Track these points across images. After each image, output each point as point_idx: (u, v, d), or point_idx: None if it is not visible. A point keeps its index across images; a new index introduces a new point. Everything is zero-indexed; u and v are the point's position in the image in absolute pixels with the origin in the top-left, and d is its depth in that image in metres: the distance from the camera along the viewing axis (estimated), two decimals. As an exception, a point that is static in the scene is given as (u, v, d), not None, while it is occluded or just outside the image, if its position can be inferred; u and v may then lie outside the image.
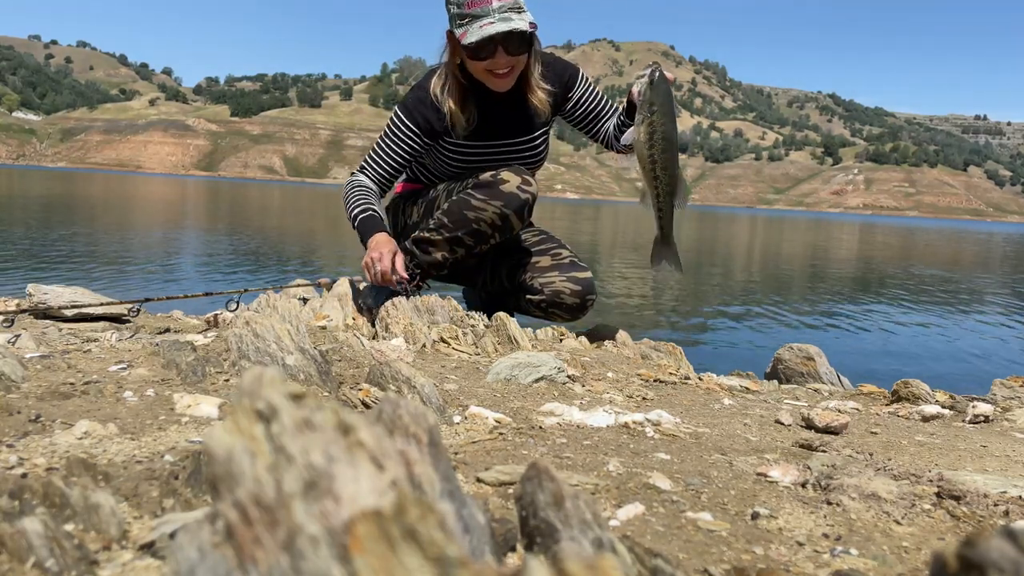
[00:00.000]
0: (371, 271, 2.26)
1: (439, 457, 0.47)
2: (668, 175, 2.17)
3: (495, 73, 2.33)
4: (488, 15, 2.21)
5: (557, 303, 2.43)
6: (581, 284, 2.44)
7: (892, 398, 1.88)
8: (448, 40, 2.36)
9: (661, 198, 2.20)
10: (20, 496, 0.69)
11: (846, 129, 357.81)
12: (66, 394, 1.17)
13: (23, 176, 47.45)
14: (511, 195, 2.28)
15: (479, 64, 2.31)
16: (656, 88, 2.15)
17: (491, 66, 2.31)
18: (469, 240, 2.34)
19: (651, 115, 2.13)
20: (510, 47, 2.28)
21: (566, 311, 2.45)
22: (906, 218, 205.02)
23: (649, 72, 2.16)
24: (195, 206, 21.46)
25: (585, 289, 2.44)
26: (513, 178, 2.30)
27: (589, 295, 2.45)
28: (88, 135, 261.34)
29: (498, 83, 2.36)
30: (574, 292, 2.42)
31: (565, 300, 2.42)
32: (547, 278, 2.45)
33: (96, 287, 3.49)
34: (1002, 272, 12.97)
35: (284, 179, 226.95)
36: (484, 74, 2.34)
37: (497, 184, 2.29)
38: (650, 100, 2.13)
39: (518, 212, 2.31)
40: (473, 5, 2.23)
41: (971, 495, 0.96)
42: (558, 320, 2.49)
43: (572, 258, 2.53)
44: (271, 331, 1.38)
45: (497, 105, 2.46)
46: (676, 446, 1.19)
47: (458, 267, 2.49)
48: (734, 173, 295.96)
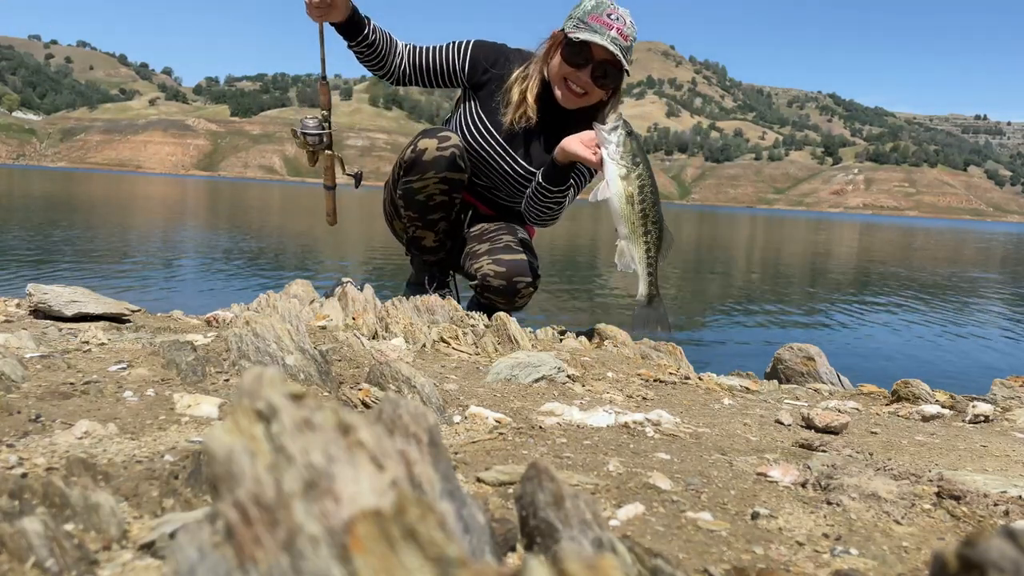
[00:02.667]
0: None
1: (439, 457, 0.47)
2: (658, 228, 2.08)
3: (570, 86, 2.36)
4: (603, 35, 2.26)
5: (486, 286, 2.45)
6: (506, 266, 2.41)
7: (892, 398, 1.88)
8: (551, 39, 2.40)
9: (651, 254, 2.09)
10: (20, 496, 0.69)
11: (846, 129, 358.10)
12: (66, 394, 1.17)
13: (23, 176, 47.44)
14: (436, 159, 2.38)
15: (564, 68, 2.33)
16: (635, 137, 2.07)
17: (572, 76, 2.34)
18: (436, 214, 2.48)
19: (637, 166, 2.04)
20: (598, 70, 2.32)
21: (497, 294, 2.44)
22: (906, 218, 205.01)
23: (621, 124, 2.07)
24: (195, 206, 21.45)
25: (511, 271, 2.41)
26: (430, 143, 2.39)
27: (517, 277, 2.42)
28: (88, 135, 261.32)
29: (567, 96, 2.38)
30: (498, 274, 2.42)
31: (491, 283, 2.43)
32: (479, 262, 2.48)
33: (96, 287, 3.49)
34: (1002, 272, 12.96)
35: (284, 179, 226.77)
36: (560, 81, 2.37)
37: (419, 157, 2.39)
38: (632, 151, 2.04)
39: (452, 167, 2.40)
40: (597, 21, 2.27)
41: (971, 495, 0.96)
42: (500, 306, 2.47)
43: (510, 243, 2.53)
44: (271, 331, 1.38)
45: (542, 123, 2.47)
46: (676, 446, 1.19)
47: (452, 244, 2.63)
48: (734, 173, 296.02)
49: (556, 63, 2.36)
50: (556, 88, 2.39)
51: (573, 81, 2.34)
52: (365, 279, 2.85)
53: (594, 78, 2.33)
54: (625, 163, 2.04)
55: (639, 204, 2.04)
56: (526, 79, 2.43)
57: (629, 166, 2.04)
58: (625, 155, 2.04)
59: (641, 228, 2.06)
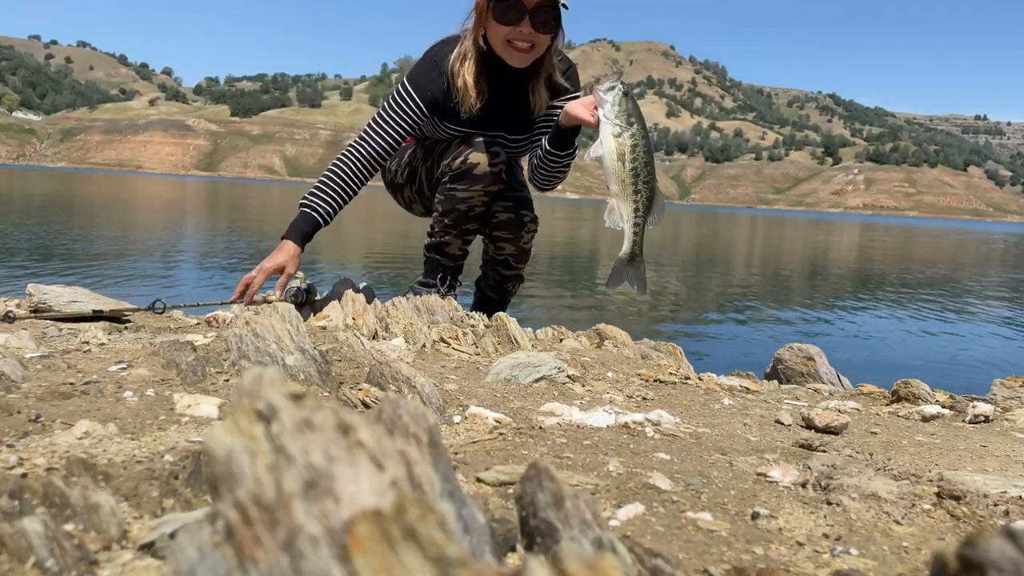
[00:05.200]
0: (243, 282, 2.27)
1: (439, 457, 0.47)
2: (649, 188, 2.12)
3: (515, 45, 2.31)
4: None
5: (495, 223, 2.54)
6: (511, 199, 2.53)
7: (892, 398, 1.88)
8: (475, 7, 2.36)
9: (639, 214, 2.13)
10: (20, 496, 0.69)
11: (846, 129, 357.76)
12: (66, 394, 1.17)
13: (23, 176, 47.42)
14: (487, 175, 2.42)
15: (502, 31, 2.29)
16: (631, 98, 2.09)
17: (513, 35, 2.30)
18: (472, 225, 2.54)
19: (631, 126, 2.07)
20: (537, 18, 2.28)
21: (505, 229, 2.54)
22: (906, 218, 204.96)
23: (619, 82, 2.10)
24: (195, 206, 21.45)
25: (516, 204, 2.53)
26: (482, 158, 2.42)
27: (523, 210, 2.54)
28: (88, 135, 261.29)
29: (517, 56, 2.34)
30: (505, 208, 2.53)
31: (499, 216, 2.53)
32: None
33: (95, 287, 3.49)
34: (1002, 272, 12.96)
35: (284, 179, 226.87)
36: (503, 46, 2.33)
37: (471, 170, 2.42)
38: (627, 111, 2.08)
39: (497, 183, 2.46)
40: None
41: (971, 495, 0.96)
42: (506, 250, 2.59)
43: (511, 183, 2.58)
44: (271, 331, 1.38)
45: (503, 94, 2.46)
46: (676, 446, 1.19)
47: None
48: (734, 173, 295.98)
49: (493, 30, 2.32)
50: (503, 55, 2.35)
51: (516, 39, 2.30)
52: (365, 280, 2.85)
53: (535, 27, 2.29)
54: (619, 122, 2.08)
55: (630, 163, 2.09)
56: (464, 60, 2.39)
57: (623, 125, 2.08)
58: (620, 114, 2.08)
59: (631, 187, 2.11)
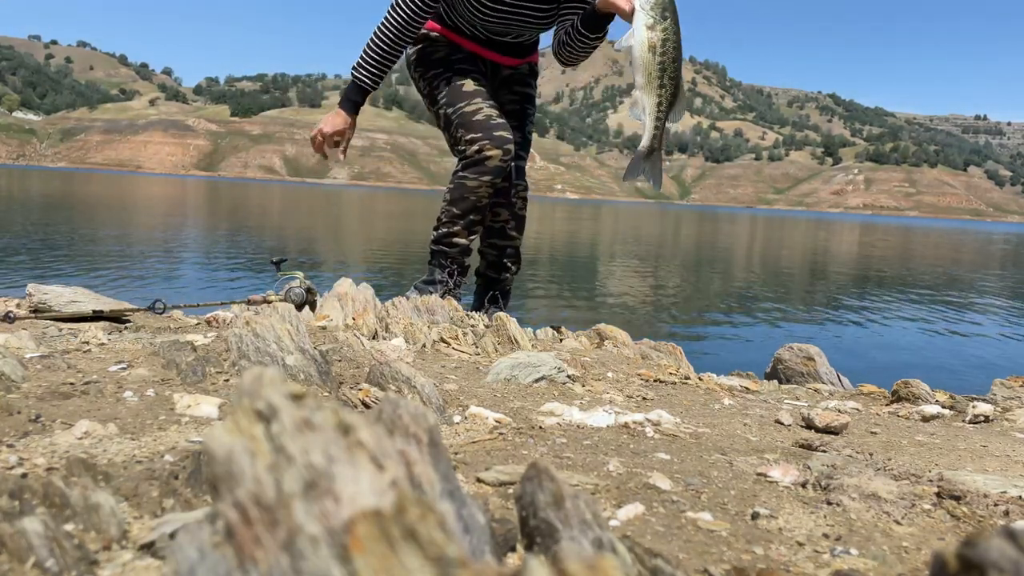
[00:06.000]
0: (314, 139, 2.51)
1: (439, 457, 0.47)
2: (674, 84, 2.14)
3: None
4: None
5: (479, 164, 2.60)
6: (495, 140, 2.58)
7: (892, 398, 1.88)
8: None
9: (662, 108, 2.16)
10: (20, 496, 0.69)
11: (846, 129, 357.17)
12: (66, 394, 1.17)
13: (23, 176, 47.42)
14: (496, 167, 2.51)
15: None
16: None
17: None
18: (477, 216, 2.62)
19: (664, 20, 2.08)
20: None
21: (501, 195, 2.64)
22: (906, 218, 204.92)
23: None
24: (195, 206, 21.45)
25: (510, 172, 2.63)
26: (495, 152, 2.50)
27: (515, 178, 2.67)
28: (88, 135, 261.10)
29: None
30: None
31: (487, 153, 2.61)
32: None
33: (95, 287, 3.49)
34: (1002, 272, 12.96)
35: (284, 179, 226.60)
36: None
37: (484, 161, 2.51)
38: (663, 4, 2.09)
39: (502, 177, 2.57)
40: None
41: (971, 495, 0.96)
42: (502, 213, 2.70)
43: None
44: (271, 331, 1.38)
45: None
46: (676, 446, 1.19)
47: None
48: (734, 173, 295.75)
49: None
50: None
51: None
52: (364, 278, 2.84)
53: None
54: (654, 14, 2.09)
55: (659, 56, 2.11)
56: None
57: (657, 18, 2.09)
58: (656, 7, 2.10)
59: (657, 80, 2.13)
